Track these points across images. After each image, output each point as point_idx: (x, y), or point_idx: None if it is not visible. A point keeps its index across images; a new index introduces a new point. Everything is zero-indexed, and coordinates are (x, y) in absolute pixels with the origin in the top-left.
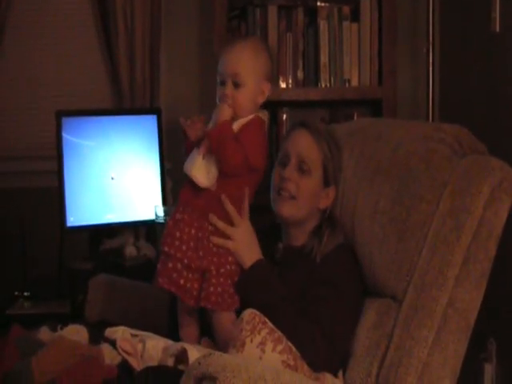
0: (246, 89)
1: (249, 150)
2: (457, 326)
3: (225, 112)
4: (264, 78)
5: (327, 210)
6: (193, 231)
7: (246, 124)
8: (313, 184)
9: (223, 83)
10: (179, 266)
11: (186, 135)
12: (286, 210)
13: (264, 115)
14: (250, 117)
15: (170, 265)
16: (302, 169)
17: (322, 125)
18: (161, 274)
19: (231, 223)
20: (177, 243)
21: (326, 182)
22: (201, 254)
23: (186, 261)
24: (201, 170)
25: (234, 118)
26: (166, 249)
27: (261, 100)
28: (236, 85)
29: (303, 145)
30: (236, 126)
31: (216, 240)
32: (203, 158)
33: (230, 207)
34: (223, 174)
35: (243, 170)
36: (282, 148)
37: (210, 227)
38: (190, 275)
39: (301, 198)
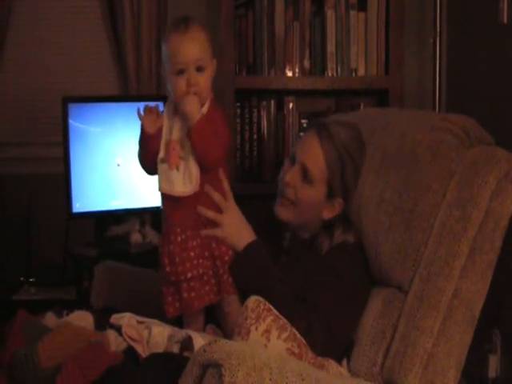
0: (208, 71)
1: (224, 137)
2: (462, 317)
3: (195, 104)
4: (212, 54)
5: (331, 221)
6: (195, 243)
7: (209, 111)
8: (314, 194)
9: (182, 71)
10: (193, 283)
11: (143, 128)
12: (283, 213)
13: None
14: (208, 101)
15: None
16: (306, 177)
17: (343, 130)
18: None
19: (219, 211)
20: (195, 262)
21: (331, 195)
22: (206, 254)
23: (200, 271)
24: (181, 182)
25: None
26: (190, 275)
27: (213, 76)
28: (199, 69)
29: (310, 155)
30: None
31: (205, 232)
32: (177, 169)
33: (215, 195)
34: (205, 170)
35: (223, 158)
36: (295, 143)
37: (200, 222)
38: (205, 277)
39: (300, 205)
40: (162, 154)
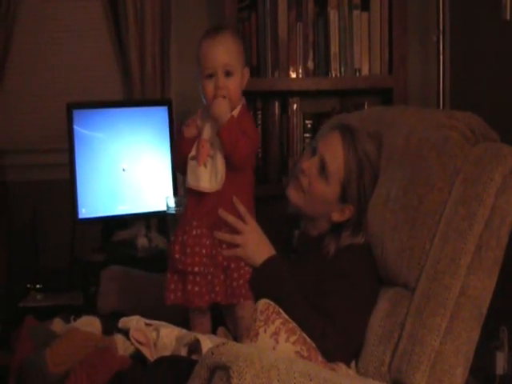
0: (236, 76)
1: (253, 138)
2: (469, 314)
3: (224, 107)
4: (244, 63)
5: (340, 223)
6: (208, 242)
7: (239, 114)
8: (327, 192)
9: (211, 76)
10: (198, 278)
11: (180, 133)
12: (294, 196)
13: (244, 99)
14: (239, 106)
15: (190, 283)
16: (323, 170)
17: (367, 139)
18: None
19: (241, 218)
20: (204, 260)
21: (344, 199)
22: (214, 252)
23: (206, 270)
24: (207, 179)
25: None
26: (197, 269)
27: (244, 84)
28: (228, 74)
29: (331, 151)
30: None
31: (226, 252)
32: (205, 166)
33: (230, 218)
34: (232, 169)
35: (251, 158)
36: (316, 136)
37: (216, 240)
38: (209, 276)
39: (310, 196)
40: (193, 152)
